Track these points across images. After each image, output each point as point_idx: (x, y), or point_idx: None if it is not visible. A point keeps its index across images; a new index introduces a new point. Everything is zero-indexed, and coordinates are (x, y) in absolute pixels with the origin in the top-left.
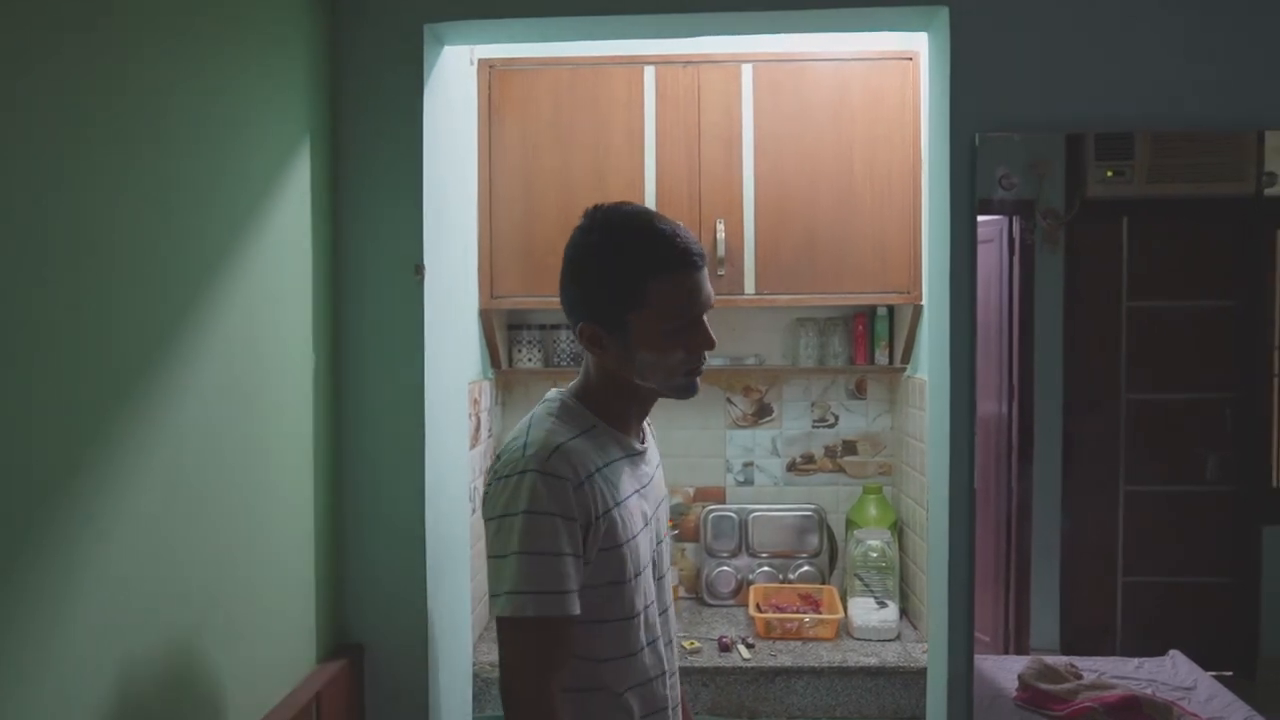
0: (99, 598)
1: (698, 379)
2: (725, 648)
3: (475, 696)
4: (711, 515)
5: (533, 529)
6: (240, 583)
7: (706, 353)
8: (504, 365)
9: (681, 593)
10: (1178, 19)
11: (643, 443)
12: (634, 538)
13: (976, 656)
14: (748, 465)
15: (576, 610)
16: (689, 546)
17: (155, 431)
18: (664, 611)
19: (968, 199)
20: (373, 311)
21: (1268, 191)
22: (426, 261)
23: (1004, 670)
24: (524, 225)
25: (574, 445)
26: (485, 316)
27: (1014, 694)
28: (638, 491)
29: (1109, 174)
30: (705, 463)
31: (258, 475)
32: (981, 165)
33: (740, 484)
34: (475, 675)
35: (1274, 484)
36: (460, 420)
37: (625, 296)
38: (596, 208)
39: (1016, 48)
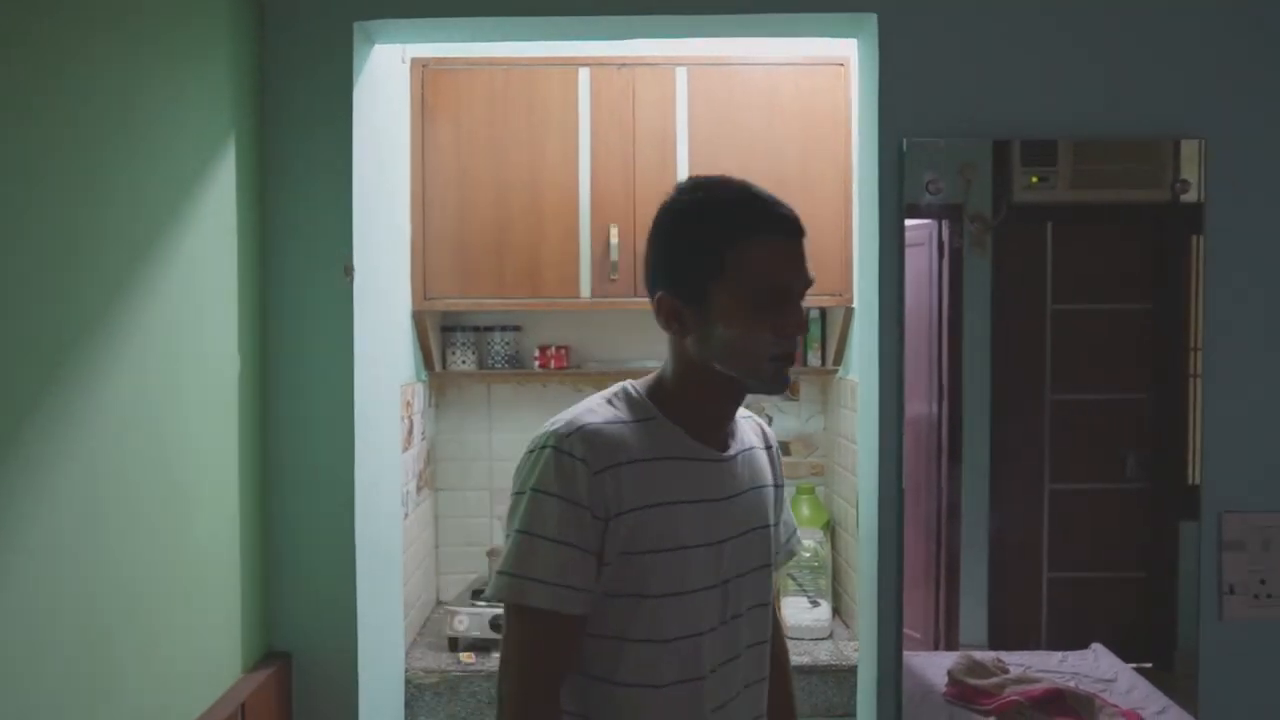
0: (6, 605)
1: (787, 370)
2: None
3: (408, 704)
4: None
5: (535, 509)
6: (159, 591)
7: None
8: (438, 367)
9: None
10: (1101, 31)
11: (727, 450)
12: (677, 549)
13: (907, 653)
14: None
15: (576, 609)
16: None
17: (70, 435)
18: (732, 659)
19: (895, 203)
20: (301, 313)
21: (1183, 198)
22: (357, 262)
23: (934, 666)
24: (458, 226)
25: (608, 429)
26: (418, 318)
27: (944, 689)
28: (702, 501)
29: (1034, 180)
30: None
31: (179, 479)
32: (909, 170)
33: None
34: (408, 682)
35: (1190, 481)
36: (393, 423)
37: (708, 261)
38: (686, 180)
39: (944, 55)
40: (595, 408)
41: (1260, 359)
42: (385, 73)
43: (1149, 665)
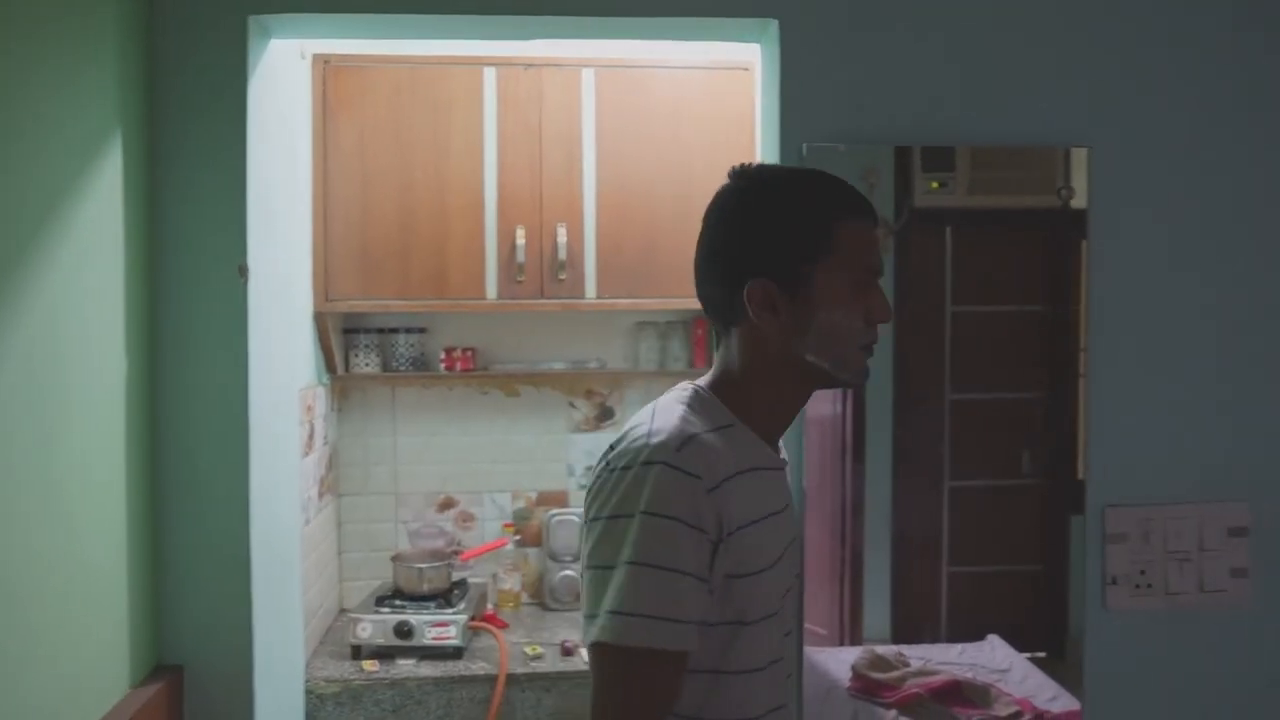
0: None
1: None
2: (568, 652)
3: (309, 714)
4: (554, 520)
5: (652, 535)
6: (39, 602)
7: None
8: (340, 370)
9: (525, 598)
10: (998, 42)
11: (781, 456)
12: (769, 568)
13: (813, 649)
14: (590, 469)
15: (693, 646)
16: (531, 552)
17: None
18: (788, 676)
19: None
20: (193, 314)
21: (1071, 204)
22: (253, 262)
23: (838, 661)
24: (361, 225)
25: (711, 440)
26: (320, 320)
27: (848, 684)
28: (776, 514)
29: (934, 186)
30: (547, 467)
31: (63, 488)
32: None
33: (583, 487)
34: (309, 692)
35: (1078, 476)
36: (291, 428)
37: (810, 243)
38: (745, 166)
39: (845, 62)
40: (686, 415)
41: (1139, 359)
42: (283, 68)
43: (1043, 655)
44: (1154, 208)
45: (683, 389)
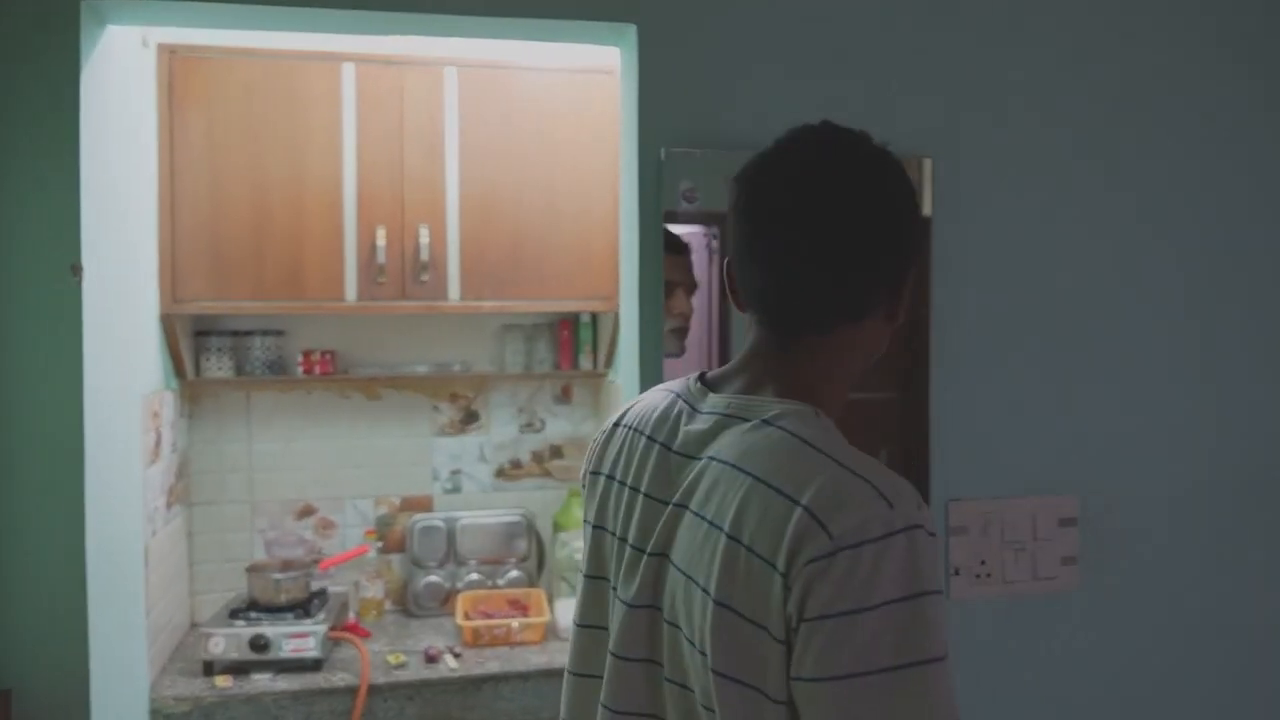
0: None
1: None
2: (432, 659)
3: None
4: (418, 525)
5: (939, 618)
6: None
7: None
8: (190, 374)
9: (388, 606)
10: (859, 49)
11: None
12: None
13: None
14: (455, 473)
15: None
16: (395, 558)
17: None
18: None
19: (654, 210)
20: (21, 317)
21: (926, 213)
22: (89, 261)
23: None
24: (212, 224)
25: None
26: (167, 322)
27: None
28: None
29: None
30: (411, 471)
31: None
32: (667, 179)
33: (448, 492)
34: (156, 712)
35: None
36: (133, 436)
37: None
38: (854, 134)
39: (705, 68)
40: (859, 454)
41: (978, 362)
42: (124, 57)
43: None
44: (990, 217)
45: (801, 412)
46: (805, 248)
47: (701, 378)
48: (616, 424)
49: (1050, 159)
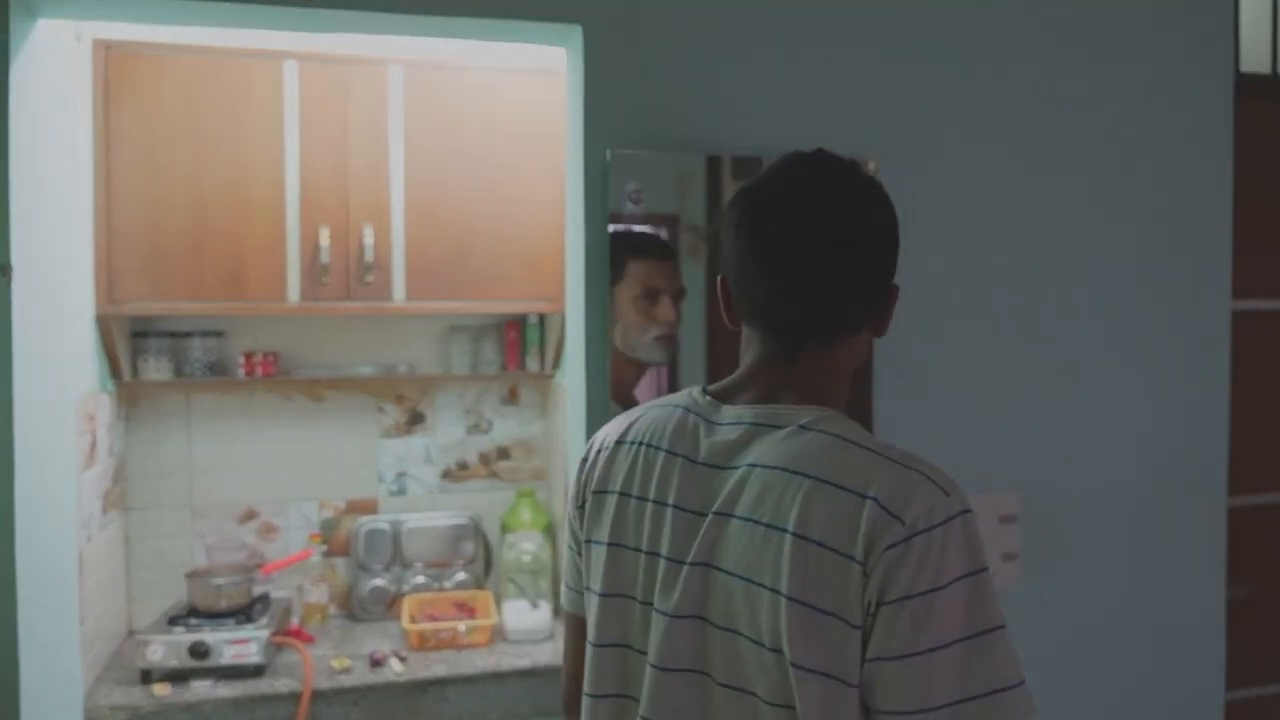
0: None
1: None
2: (377, 663)
3: None
4: (363, 528)
5: (994, 590)
6: None
7: None
8: (127, 376)
9: (333, 610)
10: (804, 54)
11: None
12: None
13: None
14: (401, 475)
15: None
16: (340, 561)
17: None
18: None
19: (600, 211)
20: None
21: None
22: (19, 261)
23: None
24: (150, 222)
25: None
26: (103, 323)
27: None
28: None
29: None
30: (356, 474)
31: None
32: (613, 180)
33: (393, 494)
34: None
35: None
36: (67, 439)
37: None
38: (836, 158)
39: (651, 71)
40: (898, 448)
41: (920, 360)
42: (56, 52)
43: None
44: (932, 220)
45: (835, 416)
46: (814, 270)
47: (704, 390)
48: (620, 441)
49: (988, 165)
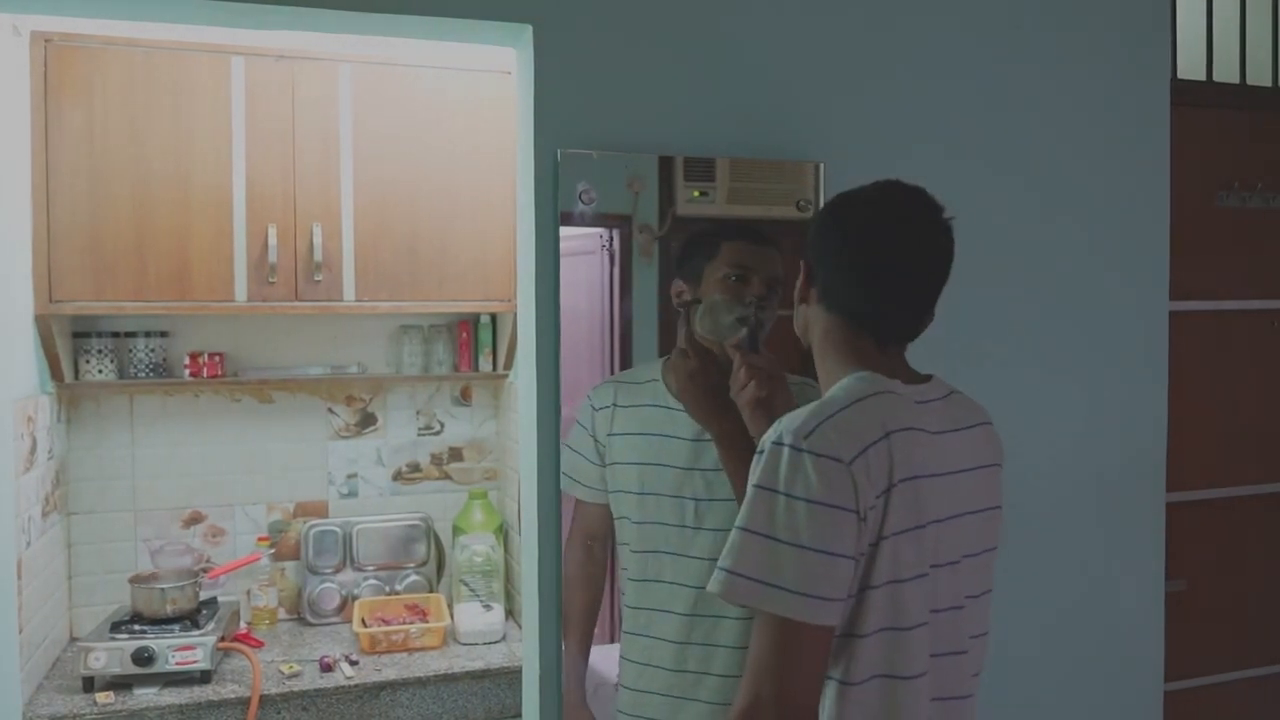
0: None
1: None
2: (327, 668)
3: None
4: (313, 531)
5: None
6: None
7: None
8: (68, 378)
9: (282, 614)
10: (757, 57)
11: None
12: None
13: None
14: (351, 477)
15: None
16: (289, 565)
17: None
18: None
19: (551, 212)
20: None
21: (808, 215)
22: None
23: (608, 658)
24: (92, 220)
25: None
26: (42, 323)
27: (615, 679)
28: None
29: (695, 194)
30: (305, 476)
31: None
32: (564, 180)
33: (344, 496)
34: None
35: None
36: (4, 443)
37: None
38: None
39: (602, 71)
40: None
41: None
42: None
43: None
44: None
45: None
46: (923, 283)
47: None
48: (888, 433)
49: (928, 164)
